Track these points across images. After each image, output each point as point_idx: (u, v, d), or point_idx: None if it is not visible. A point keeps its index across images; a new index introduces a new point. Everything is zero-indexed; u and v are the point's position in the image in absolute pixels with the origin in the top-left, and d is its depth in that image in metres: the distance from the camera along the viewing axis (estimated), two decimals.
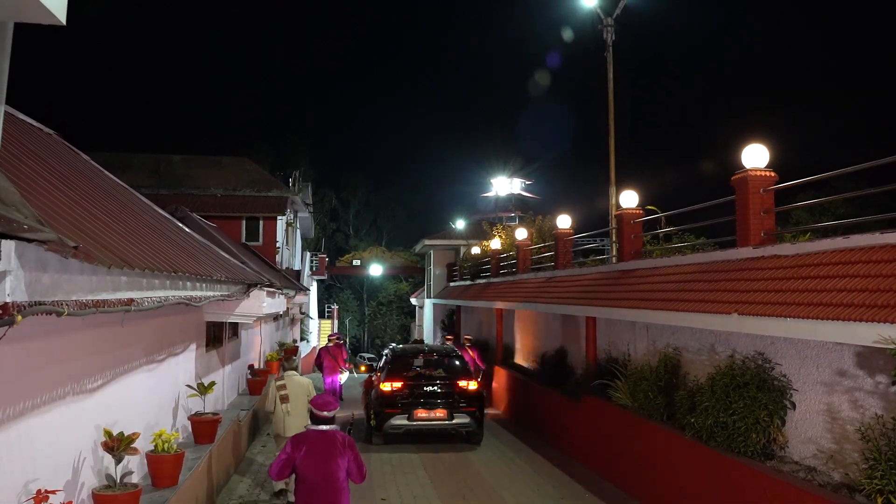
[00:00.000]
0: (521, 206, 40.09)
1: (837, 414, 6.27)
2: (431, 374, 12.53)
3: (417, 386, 12.18)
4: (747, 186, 7.82)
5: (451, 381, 12.30)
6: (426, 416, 11.92)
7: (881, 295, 5.22)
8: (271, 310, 10.57)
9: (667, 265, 9.32)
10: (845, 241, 6.26)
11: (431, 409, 11.93)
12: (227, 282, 7.66)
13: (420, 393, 12.08)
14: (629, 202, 11.05)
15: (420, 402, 11.97)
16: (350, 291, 59.85)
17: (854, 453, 5.93)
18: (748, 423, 6.81)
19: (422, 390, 12.12)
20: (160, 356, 7.61)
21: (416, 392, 12.08)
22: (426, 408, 11.94)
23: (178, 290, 5.65)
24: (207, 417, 8.40)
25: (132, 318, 6.34)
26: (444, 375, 12.47)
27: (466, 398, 12.11)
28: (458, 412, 11.97)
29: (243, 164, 28.95)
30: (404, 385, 12.18)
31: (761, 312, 6.35)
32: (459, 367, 12.89)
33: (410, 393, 12.07)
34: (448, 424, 11.97)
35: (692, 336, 8.77)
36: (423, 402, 11.97)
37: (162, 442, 6.58)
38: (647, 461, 8.72)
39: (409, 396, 12.03)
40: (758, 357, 7.26)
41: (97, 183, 7.19)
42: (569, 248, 14.34)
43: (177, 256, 6.10)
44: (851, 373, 6.13)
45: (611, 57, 14.91)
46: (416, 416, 11.89)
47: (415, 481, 9.93)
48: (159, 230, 7.17)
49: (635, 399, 9.14)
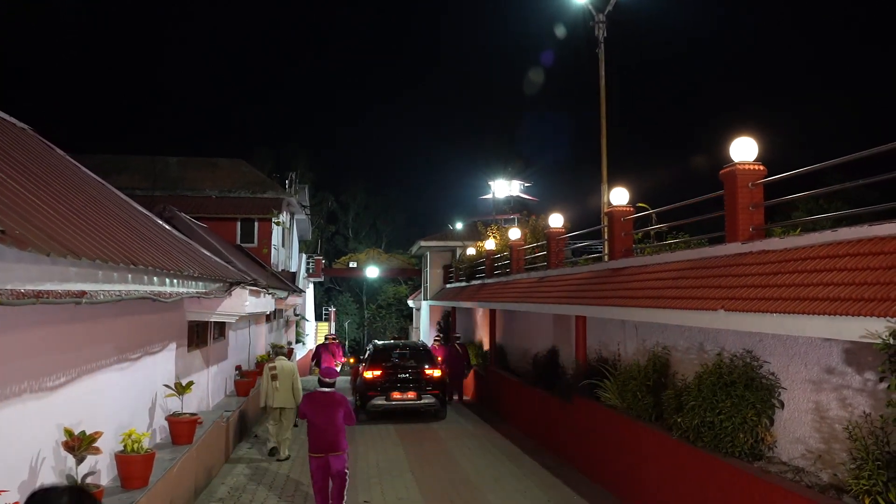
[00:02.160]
0: (520, 207, 39.91)
1: (826, 413, 6.08)
2: (405, 365, 15.21)
3: (393, 374, 14.90)
4: (735, 181, 7.62)
5: (419, 369, 15.04)
6: (400, 397, 14.74)
7: (868, 288, 5.04)
8: (255, 309, 10.41)
9: (656, 262, 9.13)
10: (833, 235, 6.07)
11: (404, 392, 14.76)
12: (203, 278, 7.49)
13: (395, 379, 14.82)
14: (619, 199, 10.86)
15: (395, 386, 14.77)
16: (349, 294, 59.59)
17: (842, 453, 5.74)
18: (735, 423, 6.62)
19: (396, 377, 14.85)
20: (134, 355, 7.44)
21: (392, 378, 14.82)
22: (400, 391, 14.76)
23: (143, 284, 5.48)
24: (185, 418, 8.23)
25: (99, 314, 6.19)
26: (415, 365, 15.18)
27: (432, 383, 14.96)
28: (425, 394, 14.79)
29: (239, 165, 28.82)
30: (383, 373, 14.89)
31: (747, 308, 6.16)
32: (427, 359, 15.65)
33: (388, 379, 14.80)
34: (417, 404, 14.76)
35: (681, 334, 8.58)
36: (398, 386, 14.77)
37: (132, 442, 6.42)
38: (636, 463, 8.52)
39: (386, 382, 14.79)
40: (746, 355, 7.07)
41: (68, 178, 7.03)
42: (561, 248, 14.14)
43: (143, 251, 5.92)
44: (840, 370, 5.94)
45: (602, 54, 14.75)
46: (392, 397, 14.71)
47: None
48: (131, 226, 7.00)
49: (624, 399, 8.95)
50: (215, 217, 24.33)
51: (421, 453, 11.77)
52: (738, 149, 7.71)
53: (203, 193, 25.97)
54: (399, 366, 15.14)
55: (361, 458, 11.28)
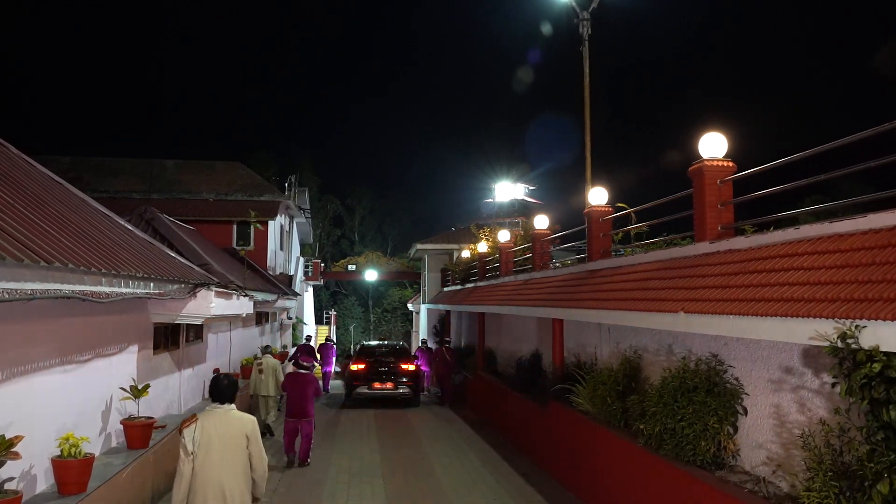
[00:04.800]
0: (524, 211, 39.62)
1: (786, 418, 5.79)
2: (385, 360, 18.29)
3: (375, 367, 18.04)
4: (703, 178, 7.35)
5: (397, 364, 18.15)
6: (380, 387, 17.83)
7: (820, 288, 4.76)
8: (224, 311, 10.19)
9: (629, 264, 8.85)
10: (795, 233, 5.79)
11: (384, 383, 17.86)
12: (153, 279, 7.30)
13: (376, 372, 17.96)
14: (598, 199, 10.58)
15: (376, 377, 17.88)
16: (354, 298, 59.48)
17: (802, 461, 5.44)
18: (696, 430, 6.34)
19: (377, 370, 17.98)
20: (83, 357, 7.25)
21: (374, 371, 17.96)
22: (380, 381, 17.86)
23: (70, 283, 5.29)
24: (140, 421, 8.03)
25: (36, 314, 6.01)
26: (393, 360, 18.27)
27: (407, 376, 18.03)
28: (401, 385, 17.86)
29: (236, 168, 28.75)
30: (367, 367, 18.10)
31: (708, 310, 5.88)
32: (403, 356, 18.99)
33: (370, 372, 17.97)
34: (394, 392, 17.81)
35: (651, 337, 8.30)
36: (379, 377, 17.88)
37: (69, 446, 6.22)
38: (604, 470, 8.25)
39: (369, 374, 17.95)
40: (712, 359, 6.79)
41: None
42: (546, 249, 13.86)
43: (69, 249, 5.72)
44: (798, 373, 5.65)
45: (587, 52, 14.48)
46: (374, 387, 17.83)
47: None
48: (65, 222, 6.80)
49: (594, 404, 8.67)
50: (211, 220, 24.23)
51: (397, 458, 11.54)
52: (706, 145, 7.44)
53: (199, 196, 25.91)
54: (380, 361, 18.20)
55: (335, 463, 11.06)
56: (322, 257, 50.38)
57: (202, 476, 5.05)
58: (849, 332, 4.24)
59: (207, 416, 5.24)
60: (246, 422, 5.32)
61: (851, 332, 4.22)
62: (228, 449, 5.15)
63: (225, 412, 5.27)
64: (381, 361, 18.12)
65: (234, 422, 5.25)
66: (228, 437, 5.17)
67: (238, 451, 5.19)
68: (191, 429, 5.13)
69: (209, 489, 5.04)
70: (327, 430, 14.10)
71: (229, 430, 5.20)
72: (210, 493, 5.03)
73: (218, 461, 5.09)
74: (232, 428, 5.22)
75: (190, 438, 5.10)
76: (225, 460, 5.12)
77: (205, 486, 5.04)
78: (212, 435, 5.12)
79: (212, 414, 5.24)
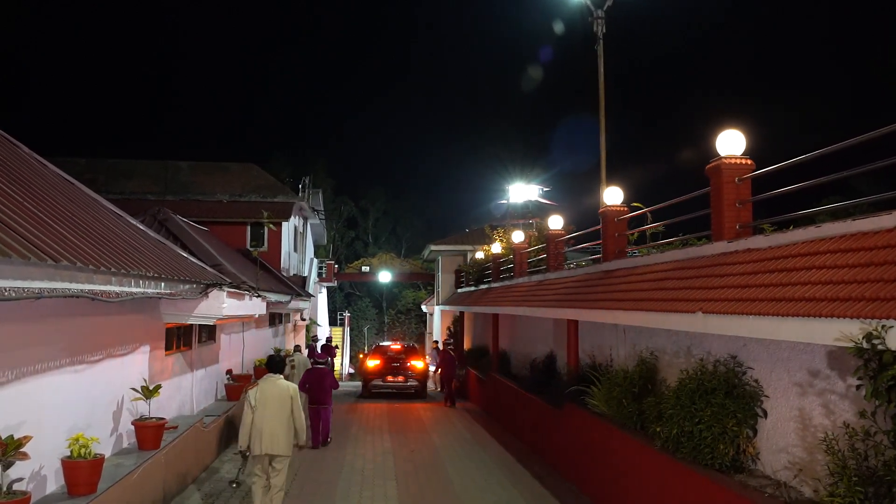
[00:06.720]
0: (538, 212, 39.44)
1: (808, 421, 5.63)
2: (397, 357, 21.16)
3: (388, 363, 20.85)
4: (721, 175, 7.20)
5: (407, 361, 21.07)
6: (392, 381, 20.66)
7: (844, 287, 4.61)
8: (236, 312, 10.17)
9: (645, 264, 8.71)
10: (817, 231, 5.63)
11: (395, 377, 20.66)
12: (165, 279, 7.26)
13: (389, 367, 20.76)
14: (613, 199, 10.43)
15: (389, 372, 20.65)
16: (368, 300, 59.51)
17: (825, 465, 5.28)
18: (715, 433, 6.19)
19: (390, 366, 20.79)
20: (94, 357, 7.23)
21: (387, 367, 20.78)
22: (392, 376, 20.65)
23: (78, 282, 5.25)
24: (151, 422, 7.99)
25: (44, 314, 5.98)
26: (404, 358, 21.18)
27: (415, 371, 20.89)
28: (410, 379, 20.71)
29: (250, 170, 28.77)
30: (381, 363, 20.93)
31: (726, 311, 5.74)
32: (413, 354, 21.74)
33: (384, 367, 20.79)
34: (405, 386, 20.67)
35: (668, 338, 8.14)
36: (391, 372, 20.62)
37: (79, 447, 6.19)
38: (620, 473, 8.10)
39: (383, 369, 20.74)
40: (730, 360, 6.64)
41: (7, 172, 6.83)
42: (560, 250, 13.72)
43: (80, 248, 5.68)
44: (821, 376, 5.49)
45: (601, 50, 14.34)
46: (387, 381, 20.66)
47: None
48: (76, 222, 6.78)
49: (609, 406, 8.53)
50: (225, 221, 24.29)
51: (411, 460, 11.44)
52: (724, 142, 7.29)
53: (213, 198, 25.94)
54: (392, 358, 21.02)
55: (348, 461, 11.00)
56: (336, 259, 50.43)
57: (258, 423, 7.28)
58: (874, 333, 4.09)
59: (264, 381, 7.55)
60: (291, 387, 7.55)
61: (877, 332, 4.07)
62: (277, 405, 7.35)
63: (276, 380, 7.57)
64: (394, 358, 20.94)
65: (282, 387, 7.50)
66: (278, 397, 7.37)
67: (284, 407, 7.39)
68: (254, 390, 7.47)
69: (264, 432, 7.25)
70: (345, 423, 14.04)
71: (279, 393, 7.41)
72: (265, 435, 7.23)
73: (270, 414, 7.30)
74: (281, 391, 7.44)
75: (253, 397, 7.37)
76: (275, 414, 7.32)
77: (260, 431, 7.26)
78: (267, 395, 7.36)
79: (267, 380, 7.54)
